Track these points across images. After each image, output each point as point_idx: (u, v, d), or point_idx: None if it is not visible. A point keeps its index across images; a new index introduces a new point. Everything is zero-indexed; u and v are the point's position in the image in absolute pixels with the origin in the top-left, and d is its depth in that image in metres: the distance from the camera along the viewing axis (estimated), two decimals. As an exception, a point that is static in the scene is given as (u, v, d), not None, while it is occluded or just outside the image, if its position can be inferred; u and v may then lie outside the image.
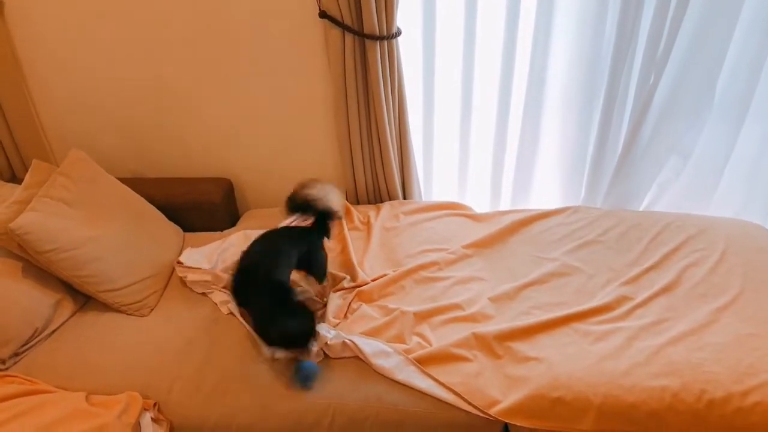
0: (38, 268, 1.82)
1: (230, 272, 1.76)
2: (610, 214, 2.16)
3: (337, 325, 1.76)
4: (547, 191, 2.50)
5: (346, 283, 1.91)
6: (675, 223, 2.06)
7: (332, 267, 2.01)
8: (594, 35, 2.10)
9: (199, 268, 2.00)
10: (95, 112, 2.40)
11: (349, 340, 1.64)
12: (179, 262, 2.04)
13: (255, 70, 2.25)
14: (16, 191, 1.89)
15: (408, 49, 2.18)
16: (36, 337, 1.78)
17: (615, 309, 1.75)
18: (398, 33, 2.05)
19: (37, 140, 2.43)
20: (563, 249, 2.01)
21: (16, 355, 1.74)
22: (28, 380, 1.65)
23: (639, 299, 1.77)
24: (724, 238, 1.96)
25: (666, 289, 1.80)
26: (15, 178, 2.46)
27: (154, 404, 1.61)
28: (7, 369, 1.70)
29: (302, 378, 1.59)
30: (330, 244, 2.13)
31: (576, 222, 2.13)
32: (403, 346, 1.67)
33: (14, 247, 1.77)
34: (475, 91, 2.27)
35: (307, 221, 1.90)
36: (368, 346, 1.63)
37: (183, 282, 2.01)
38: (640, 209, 2.41)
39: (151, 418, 1.58)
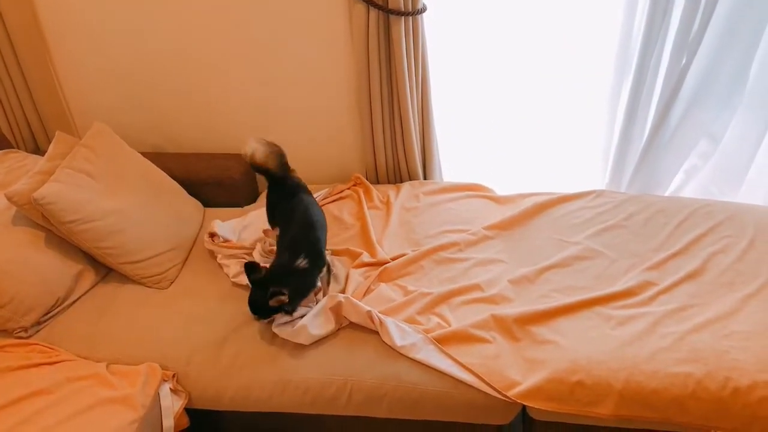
0: (61, 239, 1.84)
1: None
2: (634, 198, 2.11)
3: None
4: (570, 174, 2.46)
5: (365, 258, 1.90)
6: (702, 209, 2.01)
7: (350, 244, 2.01)
8: (624, 19, 2.05)
9: (229, 244, 2.01)
10: (118, 86, 2.41)
11: (377, 314, 1.64)
12: (212, 234, 2.03)
13: (277, 46, 2.23)
14: (39, 162, 1.90)
15: (433, 26, 2.14)
16: (58, 306, 1.80)
17: (638, 294, 1.71)
18: (423, 9, 2.01)
19: (60, 113, 2.44)
20: (586, 233, 1.98)
21: (39, 323, 1.76)
22: (50, 348, 1.67)
23: (663, 285, 1.73)
24: (753, 225, 1.91)
25: (691, 276, 1.76)
26: (38, 150, 2.49)
27: (173, 375, 1.62)
28: (29, 337, 1.73)
29: None
30: (350, 222, 2.13)
31: (600, 206, 2.09)
32: (422, 327, 1.66)
33: (38, 217, 1.78)
34: (500, 70, 2.23)
35: None
36: (390, 323, 1.63)
37: (203, 256, 2.02)
38: (666, 195, 2.36)
39: (170, 389, 1.59)
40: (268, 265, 1.70)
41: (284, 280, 1.61)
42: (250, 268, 1.65)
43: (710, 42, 1.99)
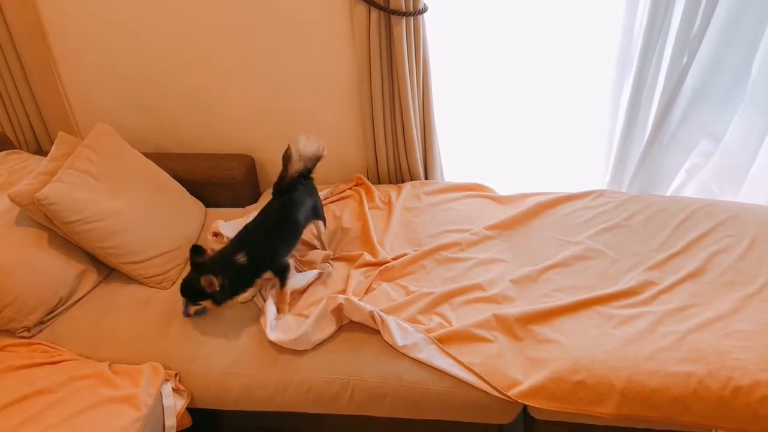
0: (63, 239, 1.84)
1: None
2: (636, 198, 2.12)
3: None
4: (571, 174, 2.46)
5: (366, 258, 1.90)
6: (704, 209, 2.01)
7: (352, 244, 2.01)
8: (625, 18, 2.05)
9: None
10: (121, 86, 2.41)
11: (379, 313, 1.64)
12: (216, 234, 2.03)
13: (279, 47, 2.23)
14: (41, 163, 1.91)
15: (434, 26, 2.14)
16: (60, 306, 1.81)
17: (639, 294, 1.72)
18: (424, 9, 2.01)
19: (62, 113, 2.44)
20: (587, 232, 1.98)
21: (42, 323, 1.77)
22: (53, 348, 1.68)
23: (664, 284, 1.73)
24: (754, 225, 1.91)
25: (692, 275, 1.76)
26: (41, 151, 2.49)
27: (175, 375, 1.62)
28: (32, 337, 1.73)
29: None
30: (351, 222, 2.13)
31: (601, 206, 2.09)
32: (423, 326, 1.66)
33: (40, 217, 1.79)
34: (501, 70, 2.23)
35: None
36: (391, 322, 1.63)
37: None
38: (667, 194, 2.36)
39: (172, 389, 1.60)
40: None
41: (221, 269, 1.64)
42: (195, 249, 1.70)
43: (711, 41, 1.99)
